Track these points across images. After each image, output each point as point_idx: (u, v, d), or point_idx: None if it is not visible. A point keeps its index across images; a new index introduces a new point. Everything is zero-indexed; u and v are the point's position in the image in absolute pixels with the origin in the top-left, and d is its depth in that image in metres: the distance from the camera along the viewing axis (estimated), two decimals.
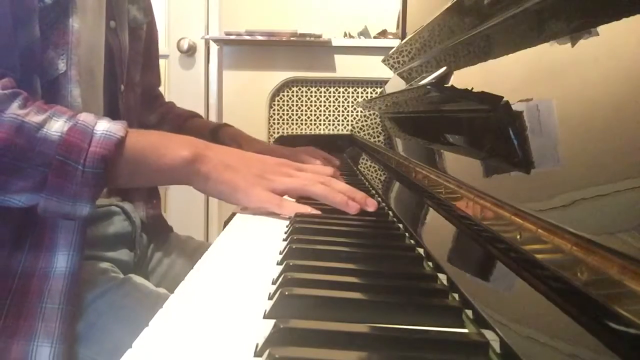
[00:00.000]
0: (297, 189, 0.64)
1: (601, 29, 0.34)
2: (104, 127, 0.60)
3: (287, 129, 2.36)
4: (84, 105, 0.70)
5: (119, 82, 0.84)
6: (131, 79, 0.90)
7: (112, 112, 0.81)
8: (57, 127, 0.58)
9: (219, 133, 1.07)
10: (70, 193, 0.58)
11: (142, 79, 0.98)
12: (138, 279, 0.75)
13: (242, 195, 0.63)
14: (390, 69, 1.21)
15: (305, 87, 2.34)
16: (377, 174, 0.96)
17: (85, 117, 0.61)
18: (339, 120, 2.35)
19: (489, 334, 0.30)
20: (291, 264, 0.42)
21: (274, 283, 0.40)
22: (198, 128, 1.10)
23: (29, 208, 0.59)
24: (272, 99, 2.35)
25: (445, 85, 0.60)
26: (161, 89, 1.16)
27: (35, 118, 0.58)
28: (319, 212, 0.62)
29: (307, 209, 0.62)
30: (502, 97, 0.43)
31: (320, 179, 0.66)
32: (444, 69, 0.64)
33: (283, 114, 2.36)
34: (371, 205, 0.64)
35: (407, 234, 0.55)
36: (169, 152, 0.63)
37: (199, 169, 0.63)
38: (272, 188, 0.64)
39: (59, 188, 0.58)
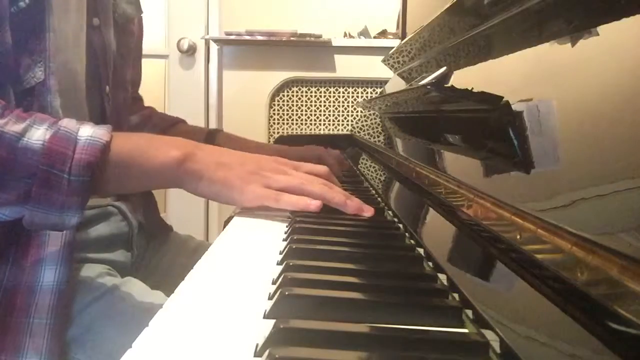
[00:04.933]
0: (294, 187, 0.62)
1: (601, 29, 0.34)
2: (88, 132, 0.58)
3: (287, 129, 2.36)
4: (66, 112, 0.67)
5: (103, 83, 0.80)
6: (121, 77, 0.86)
7: (98, 115, 0.79)
8: (38, 135, 0.56)
9: (216, 137, 1.03)
10: (57, 203, 0.56)
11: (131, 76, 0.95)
12: (134, 282, 0.74)
13: (237, 194, 0.61)
14: (390, 69, 1.21)
15: (305, 87, 2.34)
16: (377, 174, 0.96)
17: (67, 123, 0.58)
18: (339, 120, 2.35)
19: (489, 334, 0.30)
20: (291, 264, 0.42)
21: (274, 283, 0.40)
22: (190, 134, 1.05)
23: (11, 221, 0.57)
24: (272, 99, 2.35)
25: (445, 85, 0.60)
26: (161, 89, 1.14)
27: (15, 127, 0.55)
28: (318, 203, 0.60)
29: (306, 201, 0.60)
30: (502, 97, 0.43)
31: (318, 179, 0.65)
32: (444, 69, 0.64)
33: (283, 114, 2.36)
34: (367, 211, 0.62)
35: (407, 234, 0.55)
36: (157, 153, 0.60)
37: (190, 168, 0.61)
38: (268, 185, 0.61)
39: (44, 199, 0.55)
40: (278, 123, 2.36)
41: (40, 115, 0.59)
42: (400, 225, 0.59)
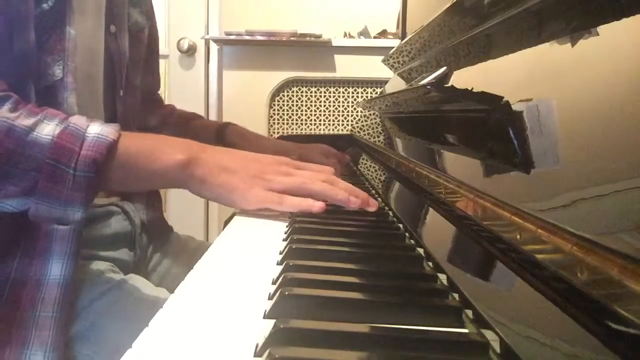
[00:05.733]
0: (297, 187, 0.63)
1: (601, 29, 0.34)
2: (96, 130, 0.59)
3: (287, 129, 2.36)
4: (83, 112, 0.68)
5: (117, 87, 0.83)
6: (130, 82, 0.89)
7: (109, 117, 0.81)
8: (47, 130, 0.57)
9: (225, 132, 1.06)
10: (62, 198, 0.57)
11: (143, 82, 0.97)
12: (138, 279, 0.75)
13: (239, 197, 0.62)
14: (390, 69, 1.21)
15: (305, 87, 2.34)
16: (377, 174, 0.96)
17: (77, 120, 0.59)
18: (339, 120, 2.35)
19: (489, 334, 0.30)
20: (291, 264, 0.42)
21: (274, 283, 0.40)
22: (202, 129, 1.10)
23: (20, 214, 0.58)
24: (272, 99, 2.35)
25: (445, 85, 0.60)
26: (161, 89, 1.16)
27: (26, 121, 0.57)
28: (321, 204, 0.60)
29: (309, 202, 0.61)
30: (502, 97, 0.43)
31: (320, 176, 0.65)
32: (444, 69, 0.64)
33: (283, 114, 2.36)
34: (373, 205, 0.63)
35: (407, 234, 0.55)
36: (163, 156, 0.62)
37: (193, 172, 0.62)
38: (270, 187, 0.62)
39: (49, 192, 0.57)
40: (278, 123, 2.36)
41: (51, 111, 0.60)
42: (400, 225, 0.59)
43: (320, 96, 2.34)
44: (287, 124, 2.36)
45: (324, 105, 2.34)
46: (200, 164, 0.62)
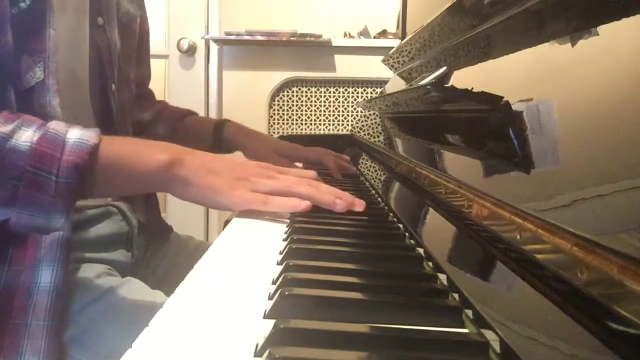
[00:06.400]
0: (281, 190, 0.62)
1: (601, 29, 0.34)
2: (76, 134, 0.57)
3: (287, 129, 2.36)
4: (69, 110, 0.67)
5: (109, 81, 0.80)
6: (125, 76, 0.87)
7: (103, 114, 0.79)
8: (26, 137, 0.55)
9: (223, 128, 1.03)
10: (44, 205, 0.55)
11: (135, 75, 0.96)
12: (134, 282, 0.74)
13: (225, 199, 0.61)
14: (390, 69, 1.21)
15: (305, 87, 2.34)
16: (377, 174, 0.96)
17: (55, 125, 0.58)
18: (339, 120, 2.35)
19: (489, 334, 0.30)
20: (291, 264, 0.42)
21: (274, 283, 0.40)
22: (199, 124, 1.07)
23: (6, 222, 0.57)
24: (272, 99, 2.35)
25: (445, 85, 0.60)
26: (161, 89, 1.14)
27: (2, 128, 0.55)
28: (308, 203, 0.60)
29: (295, 202, 0.60)
30: (502, 97, 0.43)
31: (304, 181, 0.65)
32: (444, 69, 0.64)
33: (283, 114, 2.36)
34: (359, 205, 0.62)
35: (407, 234, 0.55)
36: (145, 158, 0.61)
37: (177, 173, 0.61)
38: (255, 189, 0.62)
39: (31, 201, 0.55)
40: (278, 123, 2.36)
41: (28, 117, 0.59)
42: (400, 225, 0.59)
43: (320, 96, 2.34)
44: (287, 124, 2.36)
45: (324, 105, 2.34)
46: (185, 165, 0.61)
